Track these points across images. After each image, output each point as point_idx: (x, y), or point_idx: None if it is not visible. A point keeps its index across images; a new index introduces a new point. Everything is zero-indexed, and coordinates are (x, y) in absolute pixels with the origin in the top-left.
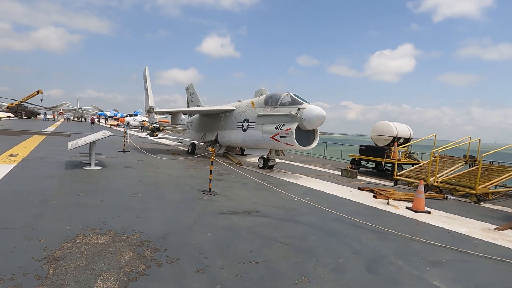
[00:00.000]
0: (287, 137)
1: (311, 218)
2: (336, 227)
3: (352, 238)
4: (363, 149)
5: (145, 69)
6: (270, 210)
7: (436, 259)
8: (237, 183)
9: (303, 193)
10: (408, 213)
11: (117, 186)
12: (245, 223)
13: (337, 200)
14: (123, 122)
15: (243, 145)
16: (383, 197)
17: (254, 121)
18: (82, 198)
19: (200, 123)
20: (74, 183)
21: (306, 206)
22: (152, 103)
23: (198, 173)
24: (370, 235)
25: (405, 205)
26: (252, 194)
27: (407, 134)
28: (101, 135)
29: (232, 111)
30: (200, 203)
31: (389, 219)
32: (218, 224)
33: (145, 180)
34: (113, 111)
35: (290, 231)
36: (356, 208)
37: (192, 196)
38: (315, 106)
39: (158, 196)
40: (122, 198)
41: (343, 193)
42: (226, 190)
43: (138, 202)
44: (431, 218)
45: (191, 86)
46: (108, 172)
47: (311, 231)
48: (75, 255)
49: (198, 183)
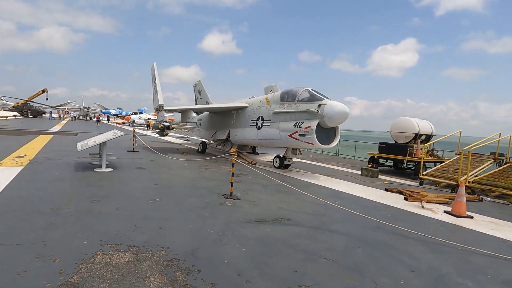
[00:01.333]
0: (307, 135)
1: (348, 226)
2: (380, 238)
3: (401, 251)
4: (382, 146)
5: (153, 66)
6: (301, 217)
7: (507, 277)
8: (256, 185)
9: (329, 196)
10: (449, 218)
11: (132, 191)
12: (278, 234)
13: (368, 204)
14: (129, 120)
15: (257, 143)
16: (415, 199)
17: (269, 119)
18: (96, 205)
19: (210, 121)
20: (85, 187)
21: (338, 211)
22: (161, 101)
23: (213, 174)
24: (419, 246)
25: (441, 209)
26: (276, 198)
27: (429, 130)
28: (111, 135)
29: (245, 108)
30: (224, 210)
31: (432, 226)
32: (249, 235)
33: (160, 183)
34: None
35: (330, 243)
36: (392, 213)
37: (213, 201)
38: (337, 102)
39: (176, 202)
40: (139, 204)
41: (371, 195)
42: (247, 193)
43: (156, 209)
44: (475, 224)
45: (199, 83)
46: (120, 174)
47: (353, 242)
48: (96, 280)
49: (216, 186)
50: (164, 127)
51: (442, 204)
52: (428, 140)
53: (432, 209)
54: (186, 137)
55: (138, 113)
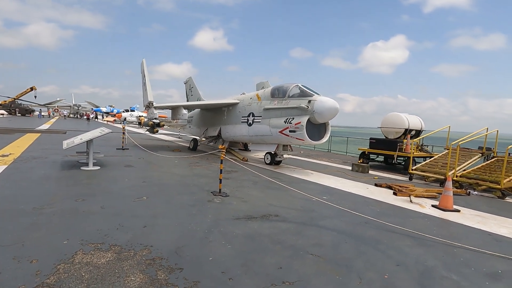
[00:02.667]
0: (297, 131)
1: (336, 221)
2: (368, 233)
3: (388, 245)
4: (373, 142)
5: (143, 62)
6: (289, 213)
7: (490, 270)
8: (247, 182)
9: (319, 192)
10: (437, 212)
11: (119, 189)
12: (266, 230)
13: (357, 199)
14: (120, 118)
15: (249, 140)
16: (403, 194)
17: (260, 115)
18: (81, 204)
19: (202, 117)
20: (71, 186)
21: (326, 207)
22: (151, 98)
23: (203, 172)
24: (406, 241)
25: (429, 203)
26: (265, 194)
27: (418, 126)
28: (98, 132)
29: (236, 105)
30: (212, 207)
31: (420, 220)
32: (236, 232)
33: (149, 181)
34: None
35: (317, 239)
36: (380, 208)
37: (202, 198)
38: (327, 98)
39: (165, 200)
40: (125, 203)
41: (361, 190)
42: (237, 190)
43: (143, 207)
44: (462, 217)
45: (190, 79)
46: (107, 172)
47: (341, 238)
48: (74, 280)
49: (206, 183)
50: (154, 125)
51: (430, 198)
52: (418, 135)
53: (420, 203)
54: (178, 134)
55: (130, 110)
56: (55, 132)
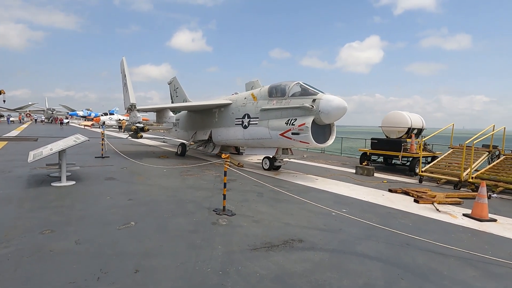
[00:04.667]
0: (301, 133)
1: (373, 244)
2: (418, 260)
3: (452, 279)
4: (375, 142)
5: (122, 61)
6: (314, 236)
7: None
8: (250, 193)
9: (334, 203)
10: (473, 224)
11: (99, 212)
12: (296, 266)
13: (379, 210)
14: (98, 122)
15: (244, 144)
16: (426, 201)
17: (257, 116)
18: (48, 238)
19: (189, 120)
20: (36, 211)
21: (352, 223)
22: (133, 100)
23: (198, 182)
24: (468, 270)
25: (457, 211)
26: (277, 210)
27: (420, 124)
28: (72, 141)
29: (228, 106)
30: (219, 232)
31: (463, 236)
32: (260, 272)
33: (136, 198)
34: (86, 111)
35: (365, 275)
36: (411, 221)
37: (203, 220)
38: (333, 96)
39: (158, 225)
40: (108, 232)
41: (377, 198)
42: (242, 205)
43: (131, 238)
44: (504, 229)
45: (175, 79)
46: (84, 188)
47: (392, 271)
48: None
49: (203, 197)
50: (138, 129)
51: (454, 204)
52: (419, 134)
53: (449, 212)
54: (163, 138)
55: (109, 114)
56: (25, 140)
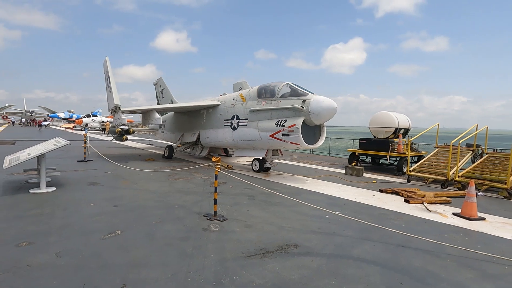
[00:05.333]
0: (292, 134)
1: (369, 247)
2: (415, 262)
3: (450, 281)
4: (363, 142)
5: (106, 61)
6: (310, 240)
7: None
8: (241, 196)
9: (327, 204)
10: (464, 223)
11: (82, 220)
12: (293, 273)
13: (372, 211)
14: (81, 124)
15: (233, 145)
16: (416, 201)
17: (246, 118)
18: (25, 252)
19: (177, 122)
20: (13, 221)
21: (346, 225)
22: (117, 101)
23: (187, 186)
24: (464, 271)
25: (447, 210)
26: (270, 214)
27: (406, 124)
28: (52, 144)
29: (216, 107)
30: (211, 239)
31: (455, 236)
32: (256, 281)
33: (121, 204)
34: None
35: (364, 282)
36: (404, 222)
37: (194, 226)
38: (323, 97)
39: (145, 233)
40: (92, 243)
41: (368, 199)
42: (234, 209)
43: (117, 248)
44: (494, 227)
45: (161, 80)
46: (66, 195)
47: (391, 276)
48: None
49: (193, 202)
50: (123, 131)
51: (443, 204)
52: (406, 134)
53: (439, 211)
54: (148, 140)
55: (92, 115)
56: (1, 143)
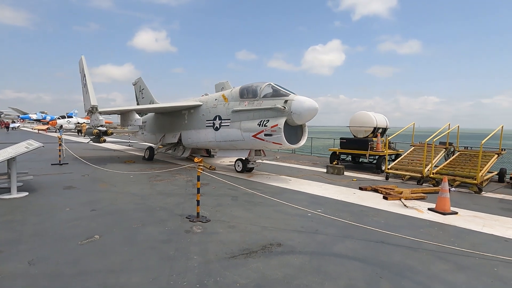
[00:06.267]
0: (274, 134)
1: (350, 244)
2: (394, 257)
3: (426, 274)
4: (344, 142)
5: (81, 60)
6: (292, 239)
7: None
8: (225, 197)
9: (309, 203)
10: (438, 217)
11: (57, 225)
12: (277, 272)
13: (353, 209)
14: (55, 126)
15: (216, 146)
16: (394, 197)
17: (228, 118)
18: None
19: (157, 122)
20: None
21: (328, 223)
22: (94, 101)
23: (168, 187)
24: (439, 264)
25: (423, 206)
26: (253, 214)
27: (384, 124)
28: (24, 147)
29: (198, 107)
30: (194, 241)
31: (431, 231)
32: (240, 281)
33: (100, 208)
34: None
35: (346, 277)
36: (383, 218)
37: (176, 229)
38: (305, 98)
39: (125, 237)
40: (68, 249)
41: (349, 196)
42: (217, 210)
43: (96, 253)
44: (465, 221)
45: (140, 80)
46: (39, 200)
47: (371, 271)
48: None
49: (175, 203)
50: (100, 133)
51: (419, 199)
52: (384, 133)
53: (415, 207)
54: (128, 141)
55: (67, 116)
56: None
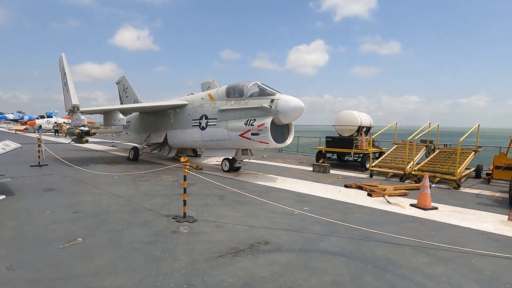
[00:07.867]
0: (261, 134)
1: (336, 241)
2: (377, 252)
3: (409, 268)
4: (329, 140)
5: (61, 57)
6: (280, 237)
7: None
8: (211, 197)
9: (295, 201)
10: (419, 213)
11: (37, 229)
12: (264, 270)
13: (338, 206)
14: (33, 126)
15: (202, 145)
16: (378, 194)
17: (215, 117)
18: None
19: (142, 122)
20: None
21: (314, 221)
22: (75, 101)
23: (154, 188)
24: (421, 257)
25: (405, 202)
26: (240, 213)
27: (368, 122)
28: (0, 149)
29: (184, 107)
30: (181, 241)
31: (412, 225)
32: (228, 280)
33: (82, 210)
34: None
35: (331, 272)
36: (367, 214)
37: (163, 229)
38: (291, 97)
39: (109, 239)
40: (49, 253)
41: (335, 194)
42: (204, 210)
43: (79, 257)
44: (445, 216)
45: (124, 79)
46: (17, 203)
47: (356, 266)
48: None
49: (161, 204)
50: (82, 133)
51: (401, 196)
52: (368, 132)
53: (398, 203)
54: (112, 142)
55: (47, 116)
56: None
